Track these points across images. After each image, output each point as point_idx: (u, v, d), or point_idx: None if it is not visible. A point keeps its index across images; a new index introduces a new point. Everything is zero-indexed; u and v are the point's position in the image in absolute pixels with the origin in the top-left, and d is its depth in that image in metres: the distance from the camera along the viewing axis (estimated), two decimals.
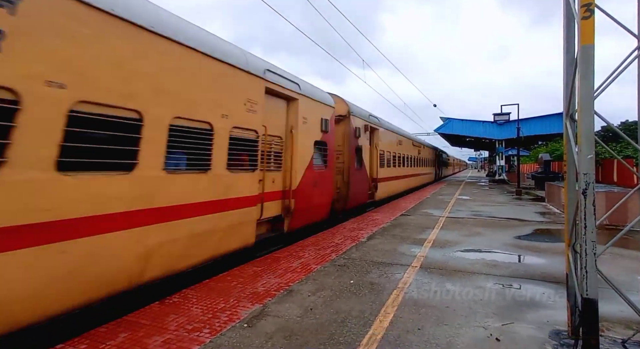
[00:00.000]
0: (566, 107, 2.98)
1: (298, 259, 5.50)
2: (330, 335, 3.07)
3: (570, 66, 2.96)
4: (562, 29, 3.06)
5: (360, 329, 3.19)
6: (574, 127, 2.86)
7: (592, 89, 2.49)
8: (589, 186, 2.50)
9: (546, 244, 6.80)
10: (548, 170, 23.38)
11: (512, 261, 5.62)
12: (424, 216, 10.27)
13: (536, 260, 5.63)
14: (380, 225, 8.58)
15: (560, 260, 5.51)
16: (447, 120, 32.64)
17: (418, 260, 5.50)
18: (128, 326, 3.18)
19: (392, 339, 3.00)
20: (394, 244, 6.61)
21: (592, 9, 2.48)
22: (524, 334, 3.09)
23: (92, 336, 2.99)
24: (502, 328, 3.22)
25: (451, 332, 3.13)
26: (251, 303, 3.76)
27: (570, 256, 3.08)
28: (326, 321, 3.34)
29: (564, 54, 3.03)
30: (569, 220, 3.08)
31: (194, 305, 3.68)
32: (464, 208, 12.25)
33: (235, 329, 3.16)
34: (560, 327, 3.23)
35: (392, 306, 3.71)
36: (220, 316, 3.43)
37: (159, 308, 3.60)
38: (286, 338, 3.02)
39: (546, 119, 28.63)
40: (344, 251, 6.00)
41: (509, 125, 28.88)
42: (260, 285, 4.32)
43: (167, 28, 4.09)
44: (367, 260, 5.49)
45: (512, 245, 6.70)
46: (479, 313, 3.54)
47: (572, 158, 2.88)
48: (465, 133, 32.17)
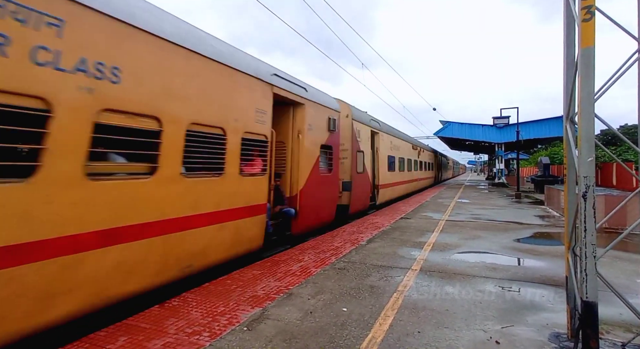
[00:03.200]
0: (566, 110, 2.99)
1: (298, 262, 5.49)
2: (330, 338, 3.06)
3: (570, 68, 2.98)
4: (563, 30, 3.08)
5: (360, 332, 3.18)
6: (574, 129, 2.87)
7: (593, 92, 2.51)
8: (589, 190, 2.50)
9: (545, 247, 6.80)
10: (547, 174, 23.42)
11: (511, 264, 5.61)
12: (424, 219, 10.27)
13: (535, 263, 5.62)
14: (380, 228, 8.57)
15: (560, 263, 5.50)
16: (447, 124, 32.75)
17: (418, 263, 5.49)
18: (128, 330, 3.16)
19: (392, 342, 2.98)
20: (394, 247, 6.60)
21: (593, 11, 2.50)
22: (523, 337, 3.08)
23: (92, 340, 2.97)
24: (502, 330, 3.21)
25: (451, 335, 3.12)
26: (251, 306, 3.74)
27: (569, 259, 3.08)
28: (326, 324, 3.33)
29: (564, 56, 3.05)
30: (568, 223, 3.08)
31: (193, 309, 3.66)
32: (464, 211, 12.25)
33: (235, 333, 3.14)
34: (559, 330, 3.22)
35: (392, 309, 3.70)
36: (220, 319, 3.42)
37: (159, 312, 3.58)
38: (286, 341, 3.01)
39: (545, 123, 28.76)
40: (344, 255, 5.99)
41: (508, 128, 28.99)
42: (260, 288, 4.30)
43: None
44: (367, 263, 5.48)
45: (511, 248, 6.70)
46: (478, 316, 3.53)
47: (572, 161, 2.89)
48: (464, 136, 32.27)
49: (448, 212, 11.84)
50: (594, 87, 2.51)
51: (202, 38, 4.61)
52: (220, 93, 4.77)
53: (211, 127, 4.60)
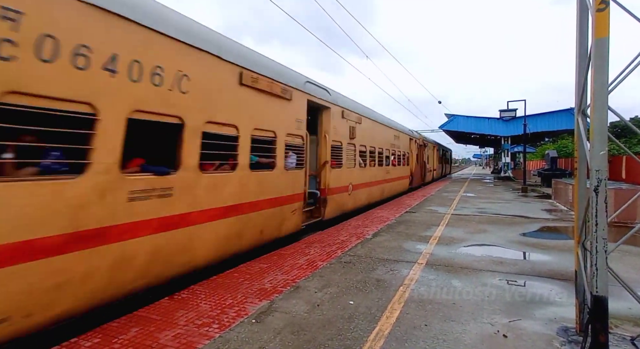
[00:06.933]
0: (578, 102, 2.94)
1: (304, 256, 5.53)
2: (337, 331, 3.09)
3: (583, 60, 2.91)
4: (576, 19, 3.00)
5: (368, 325, 3.20)
6: (586, 122, 2.82)
7: (606, 84, 2.45)
8: (601, 183, 2.47)
9: (553, 241, 6.75)
10: (555, 167, 23.15)
11: (518, 258, 5.59)
12: (429, 213, 10.24)
13: (543, 257, 5.60)
14: (385, 222, 8.58)
15: (568, 257, 5.47)
16: (452, 117, 32.39)
17: (424, 257, 5.49)
18: (139, 321, 3.23)
19: (399, 335, 3.01)
20: (400, 241, 6.61)
21: (607, 1, 2.43)
22: (531, 331, 3.09)
23: (105, 331, 3.04)
24: (510, 324, 3.22)
25: (458, 328, 3.13)
26: (258, 299, 3.79)
27: (579, 253, 3.06)
28: (333, 317, 3.36)
29: (577, 46, 2.98)
30: (579, 217, 3.05)
31: (202, 301, 3.72)
32: (469, 205, 12.19)
33: (243, 325, 3.19)
34: (568, 324, 3.22)
35: (398, 302, 3.72)
36: (229, 311, 3.47)
37: (169, 304, 3.64)
38: (294, 333, 3.05)
39: (554, 115, 28.31)
40: (350, 248, 6.01)
41: (515, 121, 28.60)
42: (267, 281, 4.35)
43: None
44: (373, 257, 5.50)
45: (518, 242, 6.67)
46: (485, 309, 3.54)
47: (584, 154, 2.85)
48: (470, 130, 31.92)
49: (453, 206, 11.79)
50: (607, 79, 2.46)
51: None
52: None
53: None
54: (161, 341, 2.89)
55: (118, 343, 2.86)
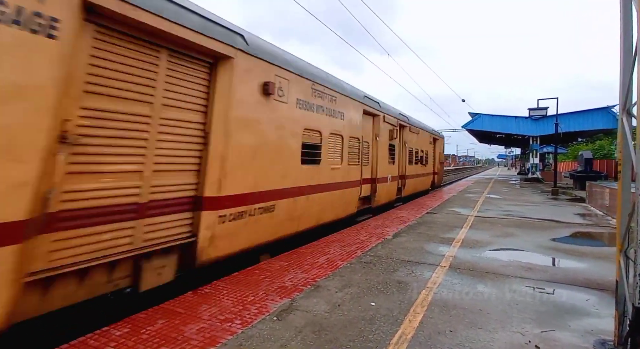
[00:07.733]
0: (622, 101, 2.74)
1: (323, 255, 5.52)
2: (359, 332, 3.06)
3: (628, 55, 2.71)
4: (620, 13, 2.80)
5: (390, 327, 3.15)
6: (631, 122, 2.62)
7: None
8: None
9: (588, 248, 6.37)
10: (589, 169, 21.83)
11: (549, 265, 5.32)
12: (451, 214, 9.96)
13: (577, 265, 5.29)
14: (406, 223, 8.42)
15: (604, 265, 5.14)
16: (476, 116, 31.27)
17: (447, 260, 5.34)
18: (165, 314, 3.34)
19: (422, 340, 2.94)
20: (421, 242, 6.47)
21: None
22: (565, 343, 2.92)
23: (133, 321, 3.17)
24: (542, 335, 3.06)
25: (486, 336, 3.02)
26: (280, 297, 3.82)
27: (621, 262, 2.85)
28: (354, 318, 3.33)
29: (621, 42, 2.78)
30: (621, 224, 2.85)
31: (224, 297, 3.80)
32: (494, 207, 11.75)
33: (265, 322, 3.22)
34: (605, 336, 3.02)
35: (421, 306, 3.63)
36: (250, 308, 3.52)
37: (192, 298, 3.74)
38: (315, 332, 3.04)
39: (588, 114, 26.68)
40: (370, 249, 5.94)
41: (545, 120, 27.20)
42: (287, 279, 4.38)
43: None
44: (394, 258, 5.41)
45: (548, 247, 6.34)
46: (515, 317, 3.39)
47: (629, 156, 2.65)
48: (495, 129, 30.67)
49: (477, 208, 11.40)
50: None
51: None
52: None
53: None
54: (186, 334, 2.97)
55: (146, 333, 2.97)
